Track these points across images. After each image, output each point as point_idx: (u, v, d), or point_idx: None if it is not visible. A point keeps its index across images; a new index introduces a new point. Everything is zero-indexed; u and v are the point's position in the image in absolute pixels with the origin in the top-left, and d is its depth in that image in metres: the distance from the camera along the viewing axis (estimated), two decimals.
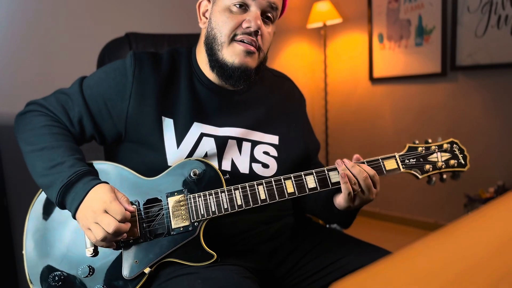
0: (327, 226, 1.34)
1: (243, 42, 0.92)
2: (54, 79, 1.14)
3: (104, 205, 0.80)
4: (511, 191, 0.61)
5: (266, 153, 1.01)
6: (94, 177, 0.87)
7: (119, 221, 0.79)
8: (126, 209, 0.81)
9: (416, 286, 0.34)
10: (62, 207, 0.87)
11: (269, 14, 0.95)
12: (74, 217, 0.84)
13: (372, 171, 0.90)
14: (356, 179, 0.88)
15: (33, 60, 1.79)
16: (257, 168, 0.99)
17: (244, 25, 0.91)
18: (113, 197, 0.82)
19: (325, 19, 2.92)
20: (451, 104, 2.58)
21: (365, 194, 0.89)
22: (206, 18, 0.98)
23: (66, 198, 0.85)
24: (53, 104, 0.97)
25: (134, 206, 0.87)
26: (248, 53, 0.93)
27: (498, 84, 2.38)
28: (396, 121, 2.86)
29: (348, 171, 0.88)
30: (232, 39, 0.92)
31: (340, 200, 0.92)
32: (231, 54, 0.93)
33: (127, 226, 0.81)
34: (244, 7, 0.92)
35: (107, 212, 0.80)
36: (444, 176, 0.99)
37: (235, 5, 0.91)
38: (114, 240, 0.82)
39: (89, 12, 1.98)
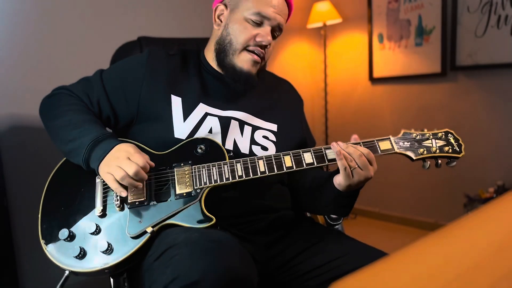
0: (327, 225, 1.34)
1: (254, 52, 1.05)
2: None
3: (127, 154, 0.90)
4: (511, 191, 0.61)
5: (265, 137, 1.09)
6: (117, 138, 0.98)
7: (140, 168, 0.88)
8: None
9: (416, 286, 0.34)
10: (87, 165, 0.95)
11: (276, 33, 1.09)
12: (97, 170, 0.93)
13: (366, 150, 0.94)
14: (352, 157, 0.92)
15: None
16: (256, 150, 1.06)
17: (258, 38, 1.04)
18: (137, 150, 0.93)
19: (325, 19, 2.92)
20: (451, 104, 2.58)
21: (363, 170, 0.92)
22: (221, 21, 1.09)
23: (92, 154, 0.93)
24: (77, 88, 1.09)
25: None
26: (255, 62, 1.06)
27: (498, 84, 2.38)
28: (396, 121, 2.86)
29: (343, 150, 0.92)
30: (245, 48, 1.05)
31: (339, 179, 0.95)
32: (241, 60, 1.05)
33: (145, 175, 0.90)
34: (259, 23, 1.05)
35: (129, 159, 0.89)
36: (439, 161, 1.01)
37: (253, 21, 1.04)
38: (132, 183, 0.89)
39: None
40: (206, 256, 0.74)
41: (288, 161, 0.95)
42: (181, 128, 1.02)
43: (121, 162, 0.88)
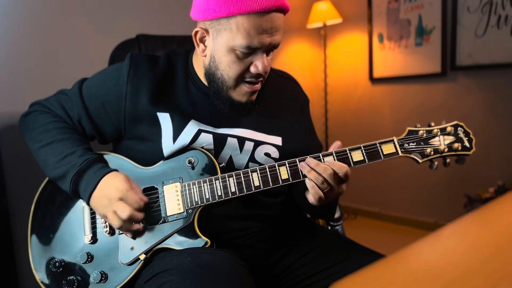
0: (329, 228, 1.34)
1: (252, 83, 0.93)
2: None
3: (120, 194, 0.85)
4: (511, 191, 0.61)
5: (267, 154, 1.00)
6: (104, 165, 0.92)
7: (134, 210, 0.84)
8: (140, 199, 0.87)
9: (416, 286, 0.34)
10: (76, 195, 0.91)
11: (272, 49, 0.93)
12: (88, 203, 0.89)
13: (341, 170, 0.86)
14: (323, 177, 0.86)
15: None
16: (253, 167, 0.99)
17: (253, 69, 0.91)
18: (130, 187, 0.86)
19: (325, 19, 2.92)
20: (451, 104, 2.58)
21: (334, 190, 0.87)
22: (205, 46, 0.94)
23: (78, 186, 0.89)
24: (54, 104, 1.01)
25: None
26: (254, 92, 0.96)
27: (498, 84, 2.38)
28: (396, 121, 2.86)
29: (313, 170, 0.86)
30: (240, 81, 0.93)
31: (309, 197, 0.90)
32: (238, 94, 0.95)
33: (141, 215, 0.86)
34: (251, 52, 0.90)
35: (122, 200, 0.85)
36: (448, 160, 0.93)
37: (242, 52, 0.88)
38: (130, 228, 0.86)
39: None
40: (196, 284, 0.71)
41: (284, 172, 0.88)
42: (171, 150, 0.94)
43: (114, 205, 0.84)
